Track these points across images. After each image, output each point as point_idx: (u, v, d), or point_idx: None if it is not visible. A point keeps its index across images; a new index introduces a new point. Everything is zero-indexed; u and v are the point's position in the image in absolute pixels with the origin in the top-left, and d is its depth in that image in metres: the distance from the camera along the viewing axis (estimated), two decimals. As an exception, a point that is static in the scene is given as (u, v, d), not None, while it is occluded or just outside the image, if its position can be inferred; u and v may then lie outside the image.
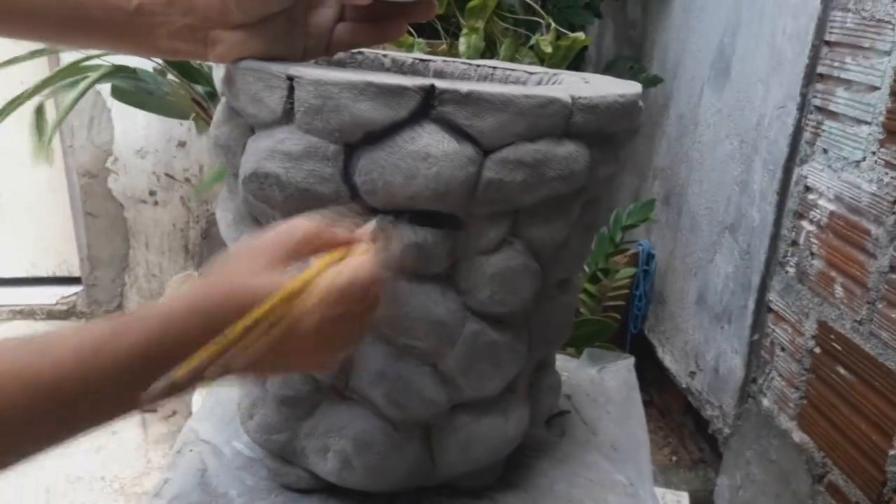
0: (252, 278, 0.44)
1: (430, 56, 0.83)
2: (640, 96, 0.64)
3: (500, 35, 1.60)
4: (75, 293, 2.49)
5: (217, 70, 0.64)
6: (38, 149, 1.63)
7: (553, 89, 0.59)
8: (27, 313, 2.45)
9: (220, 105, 0.65)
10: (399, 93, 0.53)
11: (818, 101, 1.34)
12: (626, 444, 0.86)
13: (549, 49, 1.54)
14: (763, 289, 1.51)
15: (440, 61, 0.82)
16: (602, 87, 0.64)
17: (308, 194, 0.57)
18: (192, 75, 1.64)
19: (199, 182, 2.35)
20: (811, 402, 1.35)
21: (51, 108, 1.72)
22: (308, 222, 0.49)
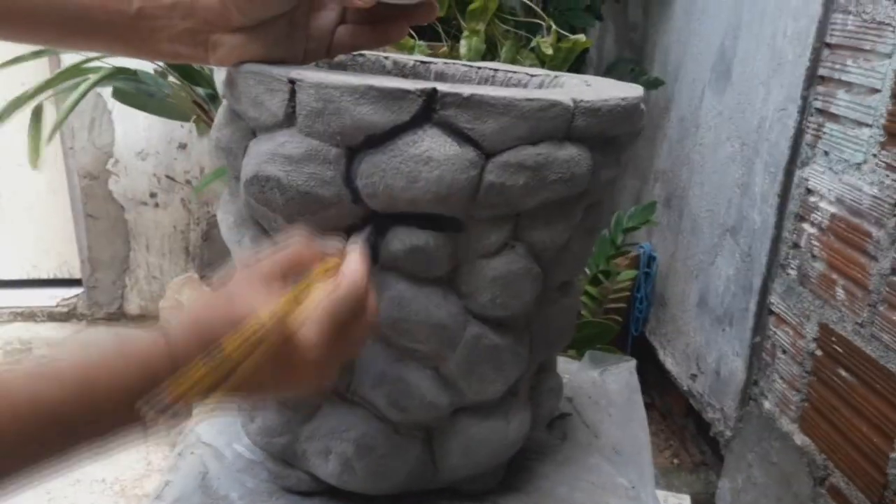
0: (250, 299, 0.45)
1: (431, 58, 0.83)
2: (641, 99, 0.64)
3: (500, 37, 1.60)
4: (76, 295, 2.49)
5: (218, 73, 0.64)
6: (32, 152, 1.63)
7: (555, 92, 0.59)
8: (28, 315, 2.45)
9: (221, 108, 0.65)
10: (401, 96, 0.53)
11: (819, 104, 1.34)
12: (628, 446, 0.86)
13: (549, 51, 1.54)
14: (764, 291, 1.51)
15: (441, 63, 0.82)
16: (604, 90, 0.64)
17: (309, 197, 0.57)
18: (193, 77, 1.65)
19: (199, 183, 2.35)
20: (812, 404, 1.34)
21: (52, 110, 1.72)
22: (298, 239, 0.49)
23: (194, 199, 2.42)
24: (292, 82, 0.55)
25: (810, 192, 1.36)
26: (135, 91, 1.69)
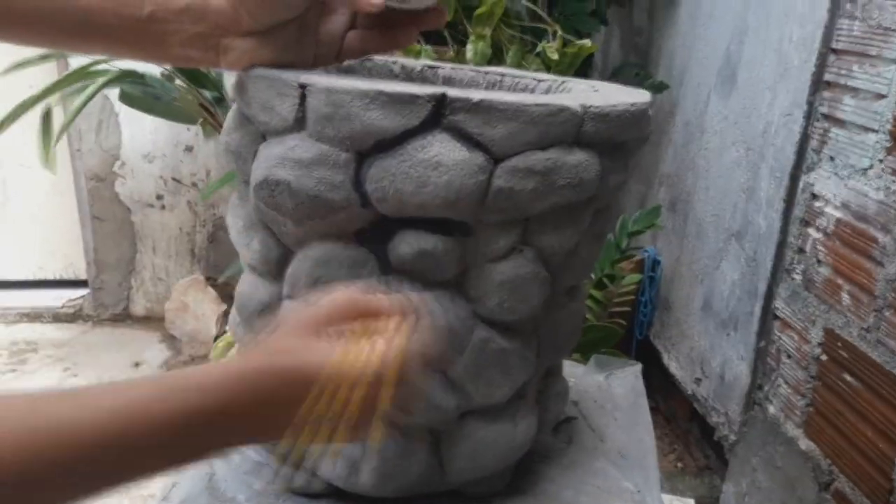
0: (301, 351, 0.45)
1: (439, 63, 0.83)
2: (650, 105, 0.65)
3: (506, 42, 1.61)
4: (82, 296, 2.50)
5: (229, 77, 0.64)
6: (44, 154, 1.64)
7: (563, 98, 0.59)
8: (33, 316, 2.46)
9: (231, 112, 0.65)
10: (410, 101, 0.53)
11: (825, 109, 1.34)
12: (634, 450, 0.86)
13: (555, 56, 1.54)
14: (769, 296, 1.51)
15: (449, 68, 0.82)
16: (612, 95, 0.64)
17: (318, 201, 0.57)
18: (200, 80, 1.65)
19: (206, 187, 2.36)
20: (817, 409, 1.34)
21: (59, 113, 1.73)
22: (348, 292, 0.50)
23: (200, 202, 2.43)
24: (303, 87, 0.55)
25: (816, 197, 1.36)
26: (142, 94, 1.70)
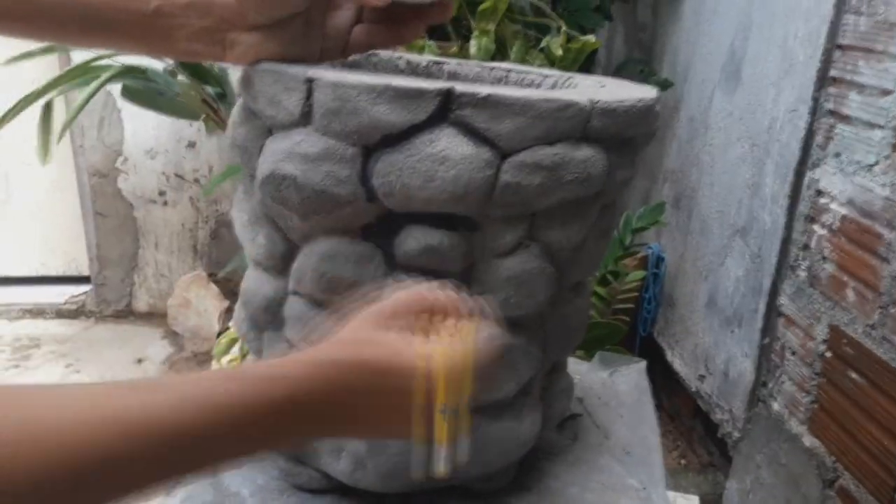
0: (385, 343, 0.46)
1: (444, 58, 0.83)
2: (657, 101, 0.64)
3: (510, 37, 1.60)
4: (84, 292, 2.50)
5: (235, 72, 0.64)
6: (41, 148, 1.63)
7: (571, 93, 0.59)
8: (36, 312, 2.46)
9: (237, 106, 0.65)
10: (417, 96, 0.53)
11: (830, 105, 1.34)
12: (639, 447, 0.86)
13: (559, 52, 1.54)
14: (774, 292, 1.50)
15: (454, 63, 0.82)
16: (619, 91, 0.64)
17: (325, 196, 0.57)
18: (203, 76, 1.65)
19: (209, 183, 2.36)
20: (822, 406, 1.34)
21: (61, 108, 1.72)
22: (412, 290, 0.50)
23: (203, 198, 2.43)
24: (309, 81, 0.55)
25: (821, 193, 1.36)
26: (144, 89, 1.69)
